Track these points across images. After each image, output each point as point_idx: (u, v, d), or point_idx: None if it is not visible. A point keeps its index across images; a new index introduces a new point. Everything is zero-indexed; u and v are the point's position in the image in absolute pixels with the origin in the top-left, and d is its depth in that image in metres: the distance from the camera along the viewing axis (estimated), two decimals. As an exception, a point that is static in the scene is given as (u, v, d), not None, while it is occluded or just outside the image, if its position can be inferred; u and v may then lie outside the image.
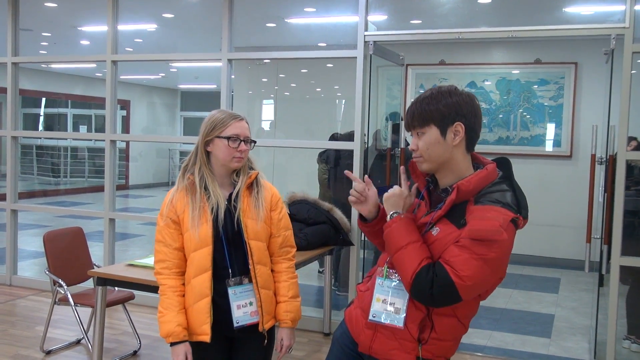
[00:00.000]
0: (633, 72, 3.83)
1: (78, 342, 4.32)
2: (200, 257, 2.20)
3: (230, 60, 4.89)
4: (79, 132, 15.23)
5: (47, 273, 4.06)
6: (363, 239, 4.62)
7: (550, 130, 7.36)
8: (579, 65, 7.14)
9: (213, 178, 2.26)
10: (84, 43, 8.72)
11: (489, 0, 5.40)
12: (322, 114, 7.96)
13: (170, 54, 7.60)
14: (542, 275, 6.86)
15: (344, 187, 5.04)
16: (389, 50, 4.92)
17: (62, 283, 3.94)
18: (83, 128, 15.36)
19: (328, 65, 7.38)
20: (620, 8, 3.90)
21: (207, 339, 2.19)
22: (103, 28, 5.33)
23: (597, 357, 4.14)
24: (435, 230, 1.76)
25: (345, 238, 4.48)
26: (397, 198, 1.86)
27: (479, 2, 5.46)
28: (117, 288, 3.99)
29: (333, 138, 5.73)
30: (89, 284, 4.29)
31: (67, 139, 15.18)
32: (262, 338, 2.30)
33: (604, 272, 4.10)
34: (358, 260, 4.58)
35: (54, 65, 12.37)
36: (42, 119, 14.86)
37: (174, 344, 2.19)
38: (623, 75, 3.82)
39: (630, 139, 4.31)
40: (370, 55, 4.49)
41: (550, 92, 7.30)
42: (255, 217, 2.26)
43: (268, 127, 8.51)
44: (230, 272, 2.24)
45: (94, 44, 8.39)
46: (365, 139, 4.59)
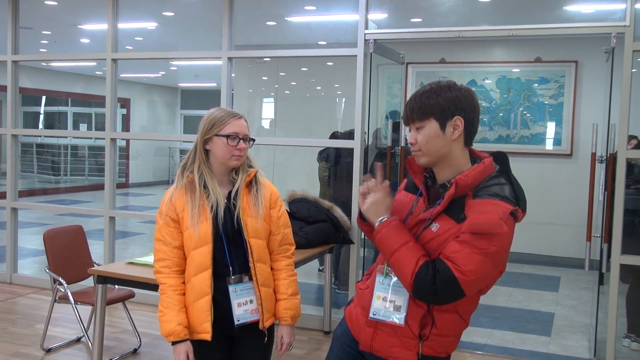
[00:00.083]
0: (633, 70, 3.83)
1: (78, 340, 4.32)
2: (201, 255, 2.19)
3: (231, 59, 4.88)
4: (79, 130, 15.23)
5: (47, 271, 4.06)
6: (363, 238, 4.62)
7: (551, 129, 7.36)
8: (580, 64, 7.13)
9: (212, 176, 2.26)
10: (84, 41, 8.72)
11: (490, -1, 5.40)
12: (322, 113, 7.95)
13: (171, 52, 7.59)
14: (542, 274, 6.86)
15: (344, 185, 5.04)
16: (390, 49, 4.92)
17: (62, 281, 3.95)
18: (83, 126, 15.36)
19: (328, 64, 7.38)
20: (621, 6, 3.90)
21: (208, 338, 2.19)
22: (103, 26, 5.33)
23: (597, 355, 4.14)
24: (435, 226, 1.76)
25: (345, 236, 4.48)
26: (377, 206, 1.84)
27: (480, 0, 5.45)
28: (117, 286, 3.99)
29: (333, 136, 5.73)
30: (89, 282, 4.30)
31: (67, 137, 15.18)
32: (262, 336, 2.30)
33: (604, 270, 4.10)
34: (358, 259, 4.59)
35: (54, 64, 12.37)
36: (42, 117, 14.85)
37: (175, 343, 2.19)
38: (623, 74, 3.82)
39: (631, 138, 4.31)
40: (371, 54, 4.48)
41: (551, 90, 7.29)
42: (255, 215, 2.26)
43: (268, 125, 8.50)
44: (231, 270, 2.24)
45: (94, 42, 8.38)
46: (366, 138, 4.59)
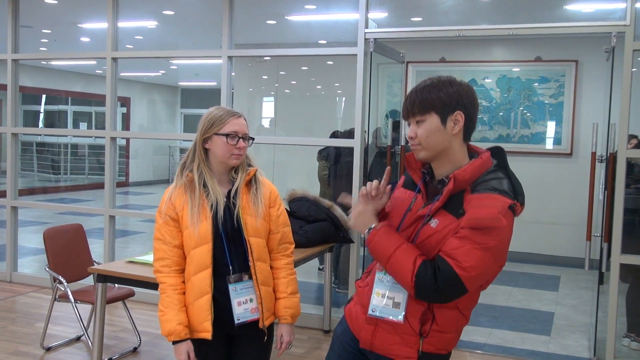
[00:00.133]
0: (634, 70, 3.83)
1: (78, 338, 4.32)
2: (200, 254, 2.19)
3: (231, 58, 4.88)
4: (79, 129, 15.22)
5: (47, 270, 4.06)
6: (363, 237, 4.61)
7: (551, 128, 7.36)
8: (580, 63, 7.13)
9: (212, 175, 2.26)
10: (84, 40, 8.72)
11: (490, -2, 5.40)
12: (322, 112, 7.95)
13: (171, 51, 7.59)
14: (542, 273, 6.86)
15: (344, 184, 5.04)
16: (390, 48, 4.92)
17: (62, 280, 3.94)
18: (83, 125, 15.36)
19: (328, 63, 7.37)
20: (621, 6, 3.90)
21: (208, 337, 2.19)
22: (103, 25, 5.33)
23: (596, 354, 4.14)
24: (434, 222, 1.76)
25: (345, 235, 4.48)
26: (362, 217, 1.86)
27: (480, -1, 5.46)
28: (117, 285, 3.99)
29: (334, 136, 5.74)
30: (89, 281, 4.29)
31: (67, 136, 15.16)
32: (261, 335, 2.30)
33: (604, 270, 4.10)
34: (358, 258, 4.59)
35: (54, 62, 12.37)
36: (42, 116, 14.85)
37: (176, 343, 2.19)
38: (624, 73, 3.82)
39: (631, 137, 4.31)
40: (371, 53, 4.48)
41: (551, 89, 7.29)
42: (255, 214, 2.26)
43: (268, 124, 8.50)
44: (231, 269, 2.23)
45: (94, 41, 8.38)
46: (366, 137, 4.59)
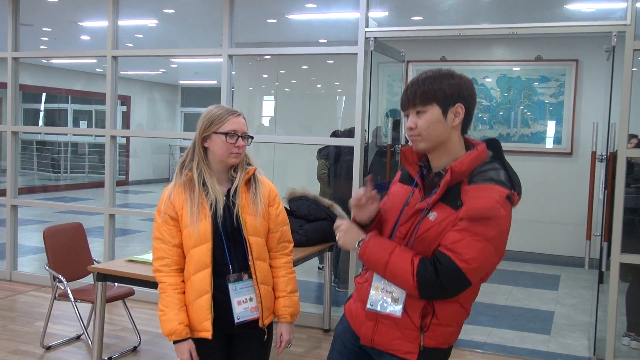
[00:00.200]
0: (634, 69, 3.82)
1: (78, 337, 4.32)
2: (200, 253, 2.19)
3: (231, 56, 4.88)
4: (79, 127, 15.22)
5: (47, 269, 4.06)
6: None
7: (551, 128, 7.36)
8: (580, 63, 7.13)
9: (211, 174, 2.25)
10: (85, 38, 8.71)
11: (490, -3, 5.40)
12: (322, 111, 7.94)
13: (171, 50, 7.57)
14: (542, 272, 6.86)
15: (344, 183, 5.03)
16: (390, 47, 4.91)
17: (62, 279, 3.94)
18: (83, 123, 15.35)
19: (329, 62, 7.36)
20: (622, 5, 3.90)
21: (208, 336, 2.19)
22: (103, 23, 5.32)
23: (596, 354, 4.14)
24: (433, 215, 1.76)
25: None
26: (350, 233, 1.88)
27: (480, -2, 5.46)
28: (117, 284, 3.99)
29: (334, 135, 5.73)
30: (89, 280, 4.29)
31: (67, 135, 15.15)
32: (261, 334, 2.30)
33: (604, 269, 4.10)
34: (357, 257, 4.57)
35: (55, 61, 12.37)
36: (42, 114, 14.84)
37: (177, 342, 2.19)
38: (624, 73, 3.81)
39: (631, 137, 4.31)
40: (371, 52, 4.47)
41: (551, 89, 7.29)
42: (254, 212, 2.26)
43: (268, 123, 8.50)
44: (230, 268, 2.23)
45: (95, 39, 8.38)
46: (366, 136, 4.59)
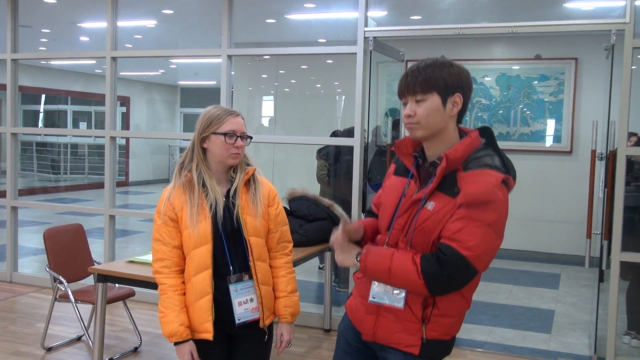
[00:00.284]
0: (633, 67, 3.82)
1: (79, 338, 4.32)
2: (200, 254, 2.19)
3: (230, 57, 4.88)
4: (79, 128, 15.22)
5: (47, 270, 4.06)
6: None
7: (551, 126, 7.36)
8: (579, 61, 7.13)
9: (211, 175, 2.25)
10: (84, 39, 8.71)
11: (489, -4, 5.40)
12: (322, 110, 7.95)
13: (170, 50, 7.58)
14: (542, 271, 6.86)
15: (344, 183, 5.03)
16: (389, 46, 4.91)
17: (62, 280, 3.94)
18: (83, 125, 15.35)
19: (328, 62, 7.36)
20: (621, 3, 3.89)
21: (209, 337, 2.19)
22: (102, 24, 5.32)
23: (597, 352, 4.14)
24: (430, 205, 1.77)
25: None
26: (346, 252, 1.89)
27: (479, -3, 5.46)
28: (117, 285, 3.99)
29: (334, 135, 5.73)
30: (90, 281, 4.29)
31: (67, 136, 15.16)
32: (261, 334, 2.30)
33: (604, 267, 4.10)
34: (358, 257, 4.57)
35: (54, 62, 12.37)
36: (41, 116, 14.85)
37: (178, 344, 2.19)
38: (623, 71, 3.81)
39: (631, 135, 4.31)
40: (370, 51, 4.47)
41: (551, 87, 7.29)
42: (254, 213, 2.26)
43: (268, 123, 8.50)
44: (231, 269, 2.23)
45: (94, 41, 8.38)
46: (365, 135, 4.59)
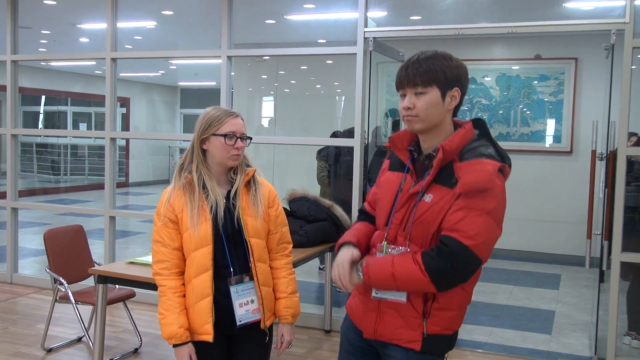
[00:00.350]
0: (633, 67, 3.82)
1: (79, 339, 4.32)
2: (201, 256, 2.18)
3: (230, 57, 4.88)
4: (79, 129, 15.23)
5: (47, 271, 4.05)
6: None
7: (551, 126, 7.35)
8: (579, 61, 7.13)
9: (211, 176, 2.25)
10: (84, 40, 8.71)
11: (489, -4, 5.40)
12: (321, 111, 7.95)
13: (170, 51, 7.56)
14: (542, 272, 6.86)
15: (345, 184, 5.03)
16: (389, 47, 4.91)
17: (62, 281, 3.94)
18: (83, 126, 15.35)
19: (328, 62, 7.37)
20: (621, 3, 3.89)
21: (209, 339, 2.18)
22: (102, 25, 5.32)
23: (597, 353, 4.14)
24: (428, 197, 1.77)
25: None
26: (349, 278, 1.87)
27: (479, -3, 5.46)
28: (117, 286, 3.98)
29: (334, 135, 5.72)
30: (90, 282, 4.29)
31: (67, 137, 15.17)
32: (262, 335, 2.30)
33: (605, 268, 4.10)
34: (358, 257, 4.57)
35: (54, 63, 12.36)
36: (41, 117, 14.85)
37: (177, 346, 2.18)
38: (623, 71, 3.81)
39: (631, 135, 4.31)
40: (370, 52, 4.47)
41: (551, 87, 7.29)
42: (255, 214, 2.26)
43: (268, 124, 8.50)
44: (232, 270, 2.23)
45: (93, 42, 8.38)
46: (365, 136, 4.59)
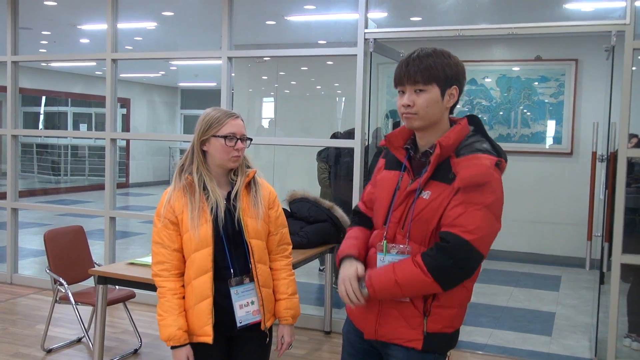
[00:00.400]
0: (634, 68, 3.82)
1: (79, 340, 4.32)
2: (201, 257, 2.18)
3: (230, 58, 4.88)
4: (79, 130, 15.24)
5: (47, 272, 4.05)
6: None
7: (551, 128, 7.35)
8: (580, 62, 7.13)
9: (211, 177, 2.25)
10: (84, 41, 8.71)
11: (489, -3, 5.40)
12: (322, 112, 7.94)
13: (170, 52, 7.57)
14: (542, 273, 6.85)
15: (345, 185, 5.03)
16: (389, 48, 4.91)
17: (62, 282, 3.94)
18: (83, 126, 15.36)
19: (328, 63, 7.36)
20: (621, 4, 3.89)
21: (209, 340, 2.18)
22: (103, 26, 5.32)
23: (597, 355, 4.14)
24: (426, 194, 1.78)
25: (346, 236, 4.46)
26: (354, 293, 1.85)
27: (479, -2, 5.46)
28: (117, 286, 3.99)
29: (334, 137, 5.72)
30: (90, 283, 4.29)
31: (67, 138, 15.18)
32: (262, 336, 2.29)
33: (605, 269, 4.09)
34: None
35: (54, 64, 12.36)
36: (42, 118, 14.85)
37: (175, 348, 2.18)
38: (624, 72, 3.81)
39: (631, 136, 4.30)
40: (371, 53, 4.47)
41: (551, 89, 7.29)
42: (255, 215, 2.26)
43: (268, 125, 8.50)
44: (232, 272, 2.23)
45: (94, 42, 8.37)
46: (366, 137, 4.58)
